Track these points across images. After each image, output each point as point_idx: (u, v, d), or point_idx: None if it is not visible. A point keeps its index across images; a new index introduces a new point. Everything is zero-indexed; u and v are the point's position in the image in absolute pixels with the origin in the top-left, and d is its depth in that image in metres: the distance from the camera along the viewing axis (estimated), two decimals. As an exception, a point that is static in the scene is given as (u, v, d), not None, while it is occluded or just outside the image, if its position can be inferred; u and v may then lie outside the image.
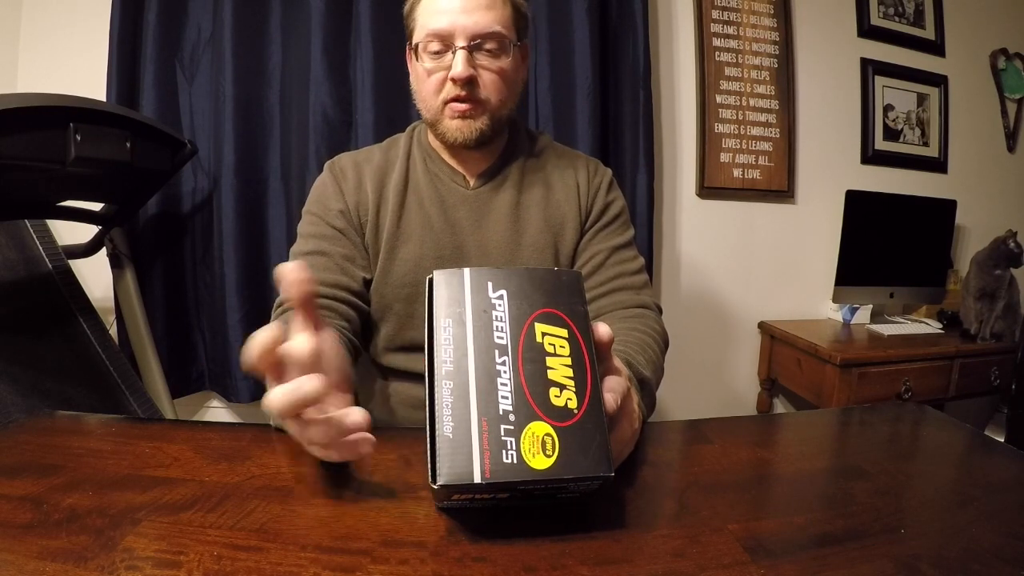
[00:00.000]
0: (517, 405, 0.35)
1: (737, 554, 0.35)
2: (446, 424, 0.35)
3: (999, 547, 0.37)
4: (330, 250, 0.76)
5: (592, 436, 0.35)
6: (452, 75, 0.71)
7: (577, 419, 0.36)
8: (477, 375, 0.36)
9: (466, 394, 0.35)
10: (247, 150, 1.43)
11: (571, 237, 0.83)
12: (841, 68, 1.90)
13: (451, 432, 0.35)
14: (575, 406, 0.36)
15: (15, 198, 1.10)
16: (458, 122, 0.74)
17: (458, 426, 0.35)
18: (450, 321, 0.38)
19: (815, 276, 1.92)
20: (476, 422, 0.35)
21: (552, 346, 0.37)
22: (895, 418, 0.63)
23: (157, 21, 1.37)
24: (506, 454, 0.34)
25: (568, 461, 0.34)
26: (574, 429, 0.35)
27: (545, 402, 0.36)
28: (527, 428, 0.35)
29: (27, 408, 0.97)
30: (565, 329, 0.38)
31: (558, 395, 0.36)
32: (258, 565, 0.33)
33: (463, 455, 0.34)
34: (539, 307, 0.38)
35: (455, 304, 0.38)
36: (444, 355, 0.37)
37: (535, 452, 0.34)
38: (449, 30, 0.70)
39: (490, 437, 0.34)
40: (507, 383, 0.36)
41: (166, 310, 1.48)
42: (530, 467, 0.34)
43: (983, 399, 1.83)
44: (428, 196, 0.80)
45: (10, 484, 0.41)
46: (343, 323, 0.73)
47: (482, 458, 0.34)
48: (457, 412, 0.35)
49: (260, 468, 0.44)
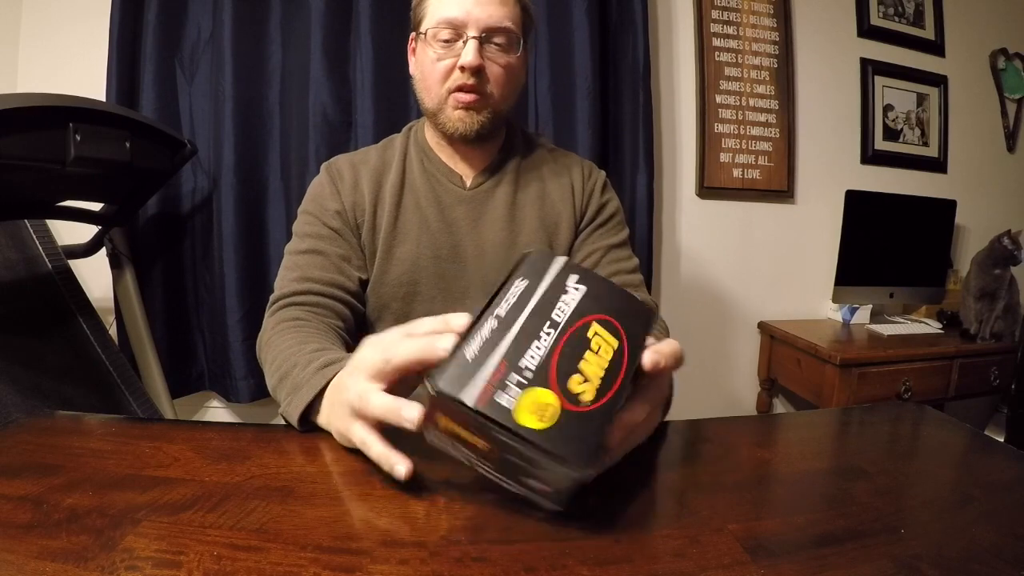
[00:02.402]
0: (539, 368, 0.36)
1: (737, 554, 0.35)
2: (472, 347, 0.37)
3: (999, 547, 0.37)
4: (326, 249, 0.77)
5: (589, 433, 0.36)
6: (462, 63, 0.71)
7: (584, 411, 0.36)
8: (521, 329, 0.37)
9: (503, 337, 0.37)
10: (247, 150, 1.43)
11: (566, 236, 0.83)
12: (841, 68, 1.90)
13: (471, 356, 0.36)
14: (589, 399, 0.36)
15: (15, 198, 1.10)
16: (461, 113, 0.75)
17: (480, 355, 0.36)
18: (525, 282, 0.40)
19: (815, 276, 1.92)
20: (496, 360, 0.36)
21: (598, 346, 0.38)
22: (895, 418, 0.63)
23: (157, 21, 1.37)
24: (506, 399, 0.35)
25: (556, 437, 0.35)
26: (577, 417, 0.36)
27: (565, 380, 0.36)
28: (536, 390, 0.36)
29: (27, 408, 0.97)
30: (617, 341, 0.39)
31: (580, 382, 0.37)
32: (258, 565, 0.33)
33: (469, 377, 0.35)
34: (605, 313, 0.39)
35: (536, 275, 0.40)
36: (503, 302, 0.39)
37: (531, 412, 0.35)
38: (463, 19, 0.71)
39: (501, 377, 0.35)
40: (541, 349, 0.37)
41: (166, 310, 1.48)
42: (518, 421, 0.34)
43: (983, 399, 1.83)
44: (425, 196, 0.81)
45: (10, 484, 0.41)
46: (338, 322, 0.73)
47: (484, 388, 0.35)
48: (486, 345, 0.37)
49: (260, 468, 0.44)
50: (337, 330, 0.71)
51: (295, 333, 0.64)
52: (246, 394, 1.47)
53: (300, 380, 0.53)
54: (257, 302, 1.44)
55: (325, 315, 0.72)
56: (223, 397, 1.53)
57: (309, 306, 0.71)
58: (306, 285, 0.73)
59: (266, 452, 0.48)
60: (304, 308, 0.71)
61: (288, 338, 0.62)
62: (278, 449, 0.49)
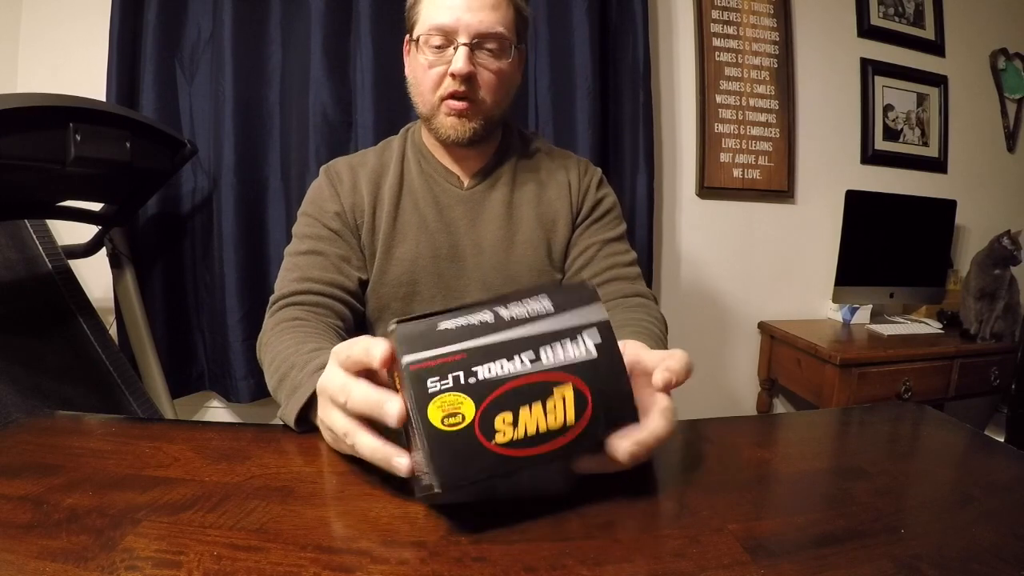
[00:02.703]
0: (485, 383, 0.35)
1: (737, 554, 0.35)
2: (452, 322, 0.37)
3: (999, 547, 0.37)
4: (326, 250, 0.77)
5: (473, 468, 0.34)
6: (452, 70, 0.71)
7: (486, 446, 0.35)
8: (504, 341, 0.37)
9: (482, 335, 0.36)
10: (247, 150, 1.43)
11: (563, 233, 0.84)
12: (841, 68, 1.90)
13: (443, 327, 0.36)
14: (498, 441, 0.35)
15: (15, 198, 1.10)
16: (452, 120, 0.75)
17: (451, 334, 0.36)
18: (548, 305, 0.38)
19: (815, 276, 1.92)
20: (458, 348, 0.36)
21: (554, 406, 0.36)
22: (895, 418, 0.63)
23: (157, 21, 1.37)
24: (435, 384, 0.35)
25: (442, 445, 0.34)
26: (476, 446, 0.35)
27: (496, 410, 0.35)
28: (464, 399, 0.35)
29: (27, 408, 0.97)
30: (576, 419, 0.37)
31: (504, 422, 0.35)
32: (258, 565, 0.33)
33: (425, 344, 0.36)
34: (588, 387, 0.37)
35: (564, 306, 0.38)
36: (516, 304, 0.38)
37: (442, 410, 0.34)
38: (453, 26, 0.71)
39: (448, 364, 0.35)
40: (504, 370, 0.36)
41: (166, 310, 1.48)
42: (426, 408, 0.34)
43: (983, 399, 1.83)
44: (423, 197, 0.81)
45: (10, 484, 0.41)
46: (338, 322, 0.73)
47: (425, 362, 0.35)
48: (463, 331, 0.36)
49: (260, 468, 0.44)
50: (337, 330, 0.71)
51: (294, 333, 0.64)
52: (246, 394, 1.47)
53: (298, 381, 0.53)
54: (257, 302, 1.44)
55: (325, 315, 0.72)
56: (223, 397, 1.53)
57: (309, 306, 0.72)
58: (306, 285, 0.73)
59: (266, 452, 0.48)
60: (304, 308, 0.71)
61: (287, 338, 0.62)
62: (278, 449, 0.49)
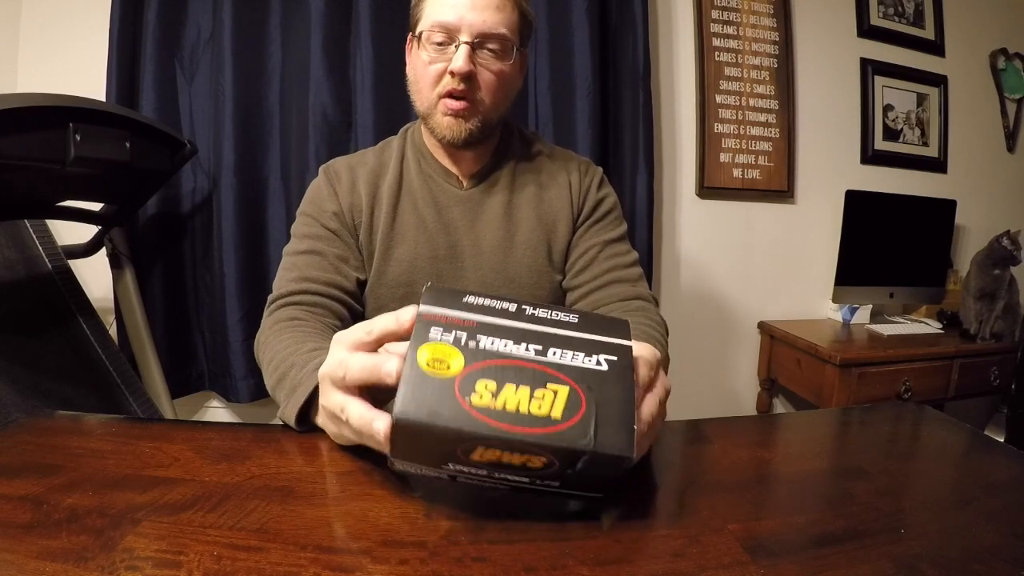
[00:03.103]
0: (483, 352, 0.36)
1: (737, 554, 0.35)
2: (477, 299, 0.38)
3: (999, 547, 0.37)
4: (324, 250, 0.77)
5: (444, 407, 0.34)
6: (452, 68, 0.71)
7: (460, 402, 0.34)
8: (520, 329, 0.37)
9: (501, 319, 0.38)
10: (247, 150, 1.43)
11: (564, 234, 0.83)
12: (841, 68, 1.90)
13: (468, 300, 0.38)
14: (474, 402, 0.34)
15: (15, 198, 1.10)
16: (449, 120, 0.74)
17: (471, 305, 0.38)
18: (575, 320, 0.39)
19: (815, 276, 1.92)
20: (471, 318, 0.37)
21: (542, 397, 0.35)
22: (895, 418, 0.63)
23: (157, 21, 1.37)
24: (436, 334, 0.36)
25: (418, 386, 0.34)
26: (450, 395, 0.35)
27: (479, 376, 0.35)
28: (458, 355, 0.35)
29: (27, 408, 0.97)
30: (563, 421, 0.35)
31: (487, 388, 0.35)
32: (258, 565, 0.33)
33: (445, 303, 0.37)
34: (586, 397, 0.36)
35: (592, 329, 0.38)
36: (547, 308, 0.39)
37: (433, 356, 0.35)
38: (456, 24, 0.70)
39: (455, 326, 0.36)
40: (507, 348, 0.36)
41: (166, 310, 1.48)
42: (416, 350, 0.35)
43: (983, 399, 1.83)
44: (422, 197, 0.81)
45: (10, 484, 0.41)
46: (336, 322, 0.73)
47: (437, 315, 0.37)
48: (483, 308, 0.38)
49: (260, 468, 0.44)
50: (335, 330, 0.71)
51: (293, 333, 0.64)
52: (246, 394, 1.47)
53: (297, 381, 0.53)
54: (257, 302, 1.44)
55: (323, 315, 0.72)
56: (223, 397, 1.53)
57: (307, 306, 0.71)
58: (304, 285, 0.73)
59: (266, 452, 0.48)
60: (302, 308, 0.71)
61: (286, 338, 0.62)
62: (278, 449, 0.49)
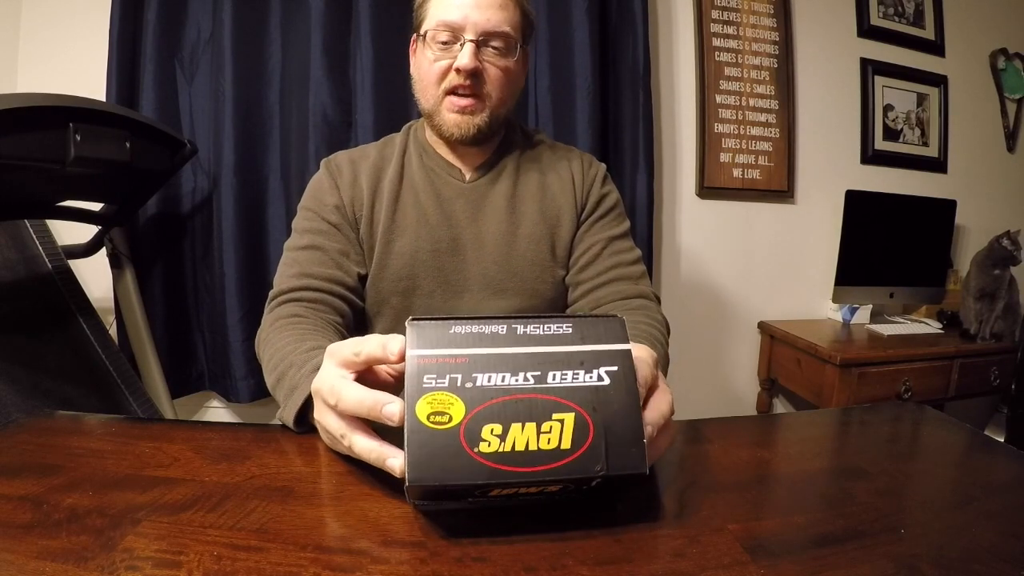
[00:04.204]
0: (481, 391, 0.35)
1: (737, 554, 0.35)
2: (464, 327, 0.35)
3: (999, 547, 0.37)
4: (325, 245, 0.77)
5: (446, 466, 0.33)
6: (457, 65, 0.72)
7: (464, 450, 0.33)
8: (512, 355, 0.35)
9: (491, 346, 0.36)
10: (247, 150, 1.43)
11: (567, 228, 0.84)
12: (841, 68, 1.90)
13: (454, 331, 0.35)
14: (480, 450, 0.33)
15: (15, 198, 1.10)
16: (456, 116, 0.75)
17: (458, 337, 0.35)
18: (568, 332, 0.37)
19: (815, 276, 1.92)
20: (460, 353, 0.35)
21: (548, 428, 0.35)
22: (895, 418, 0.63)
23: (157, 21, 1.37)
24: (430, 382, 0.34)
25: (420, 442, 0.33)
26: (455, 447, 0.33)
27: (484, 421, 0.34)
28: (456, 402, 0.34)
29: (27, 408, 0.97)
30: (571, 449, 0.34)
31: (492, 433, 0.34)
32: (258, 565, 0.33)
33: (431, 342, 0.35)
34: (591, 419, 0.34)
35: (586, 338, 0.37)
36: (537, 324, 0.37)
37: (431, 408, 0.34)
38: (461, 23, 0.72)
39: (447, 364, 0.34)
40: (504, 382, 0.35)
41: (166, 310, 1.48)
42: (415, 404, 0.33)
43: (983, 399, 1.83)
44: (424, 190, 0.81)
45: (10, 484, 0.41)
46: (336, 318, 0.73)
47: (426, 358, 0.35)
48: (472, 336, 0.36)
49: (260, 468, 0.44)
50: (335, 326, 0.71)
51: (292, 331, 0.64)
52: (246, 394, 1.47)
53: (296, 381, 0.53)
54: (257, 302, 1.44)
55: (323, 311, 0.72)
56: (223, 397, 1.53)
57: (307, 302, 0.71)
58: (304, 281, 0.73)
59: (266, 452, 0.48)
60: (302, 304, 0.71)
61: (286, 335, 0.62)
62: (278, 449, 0.49)
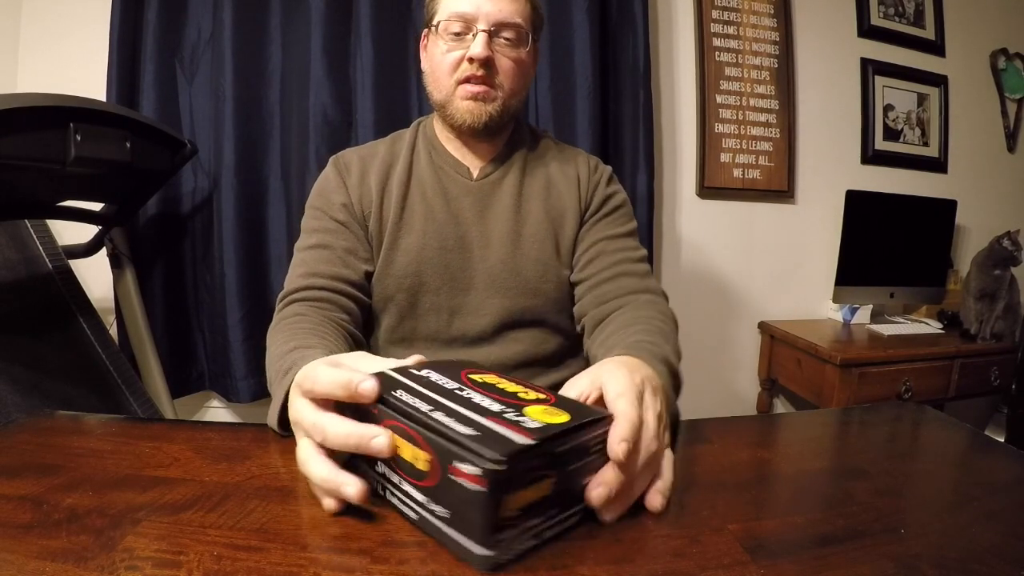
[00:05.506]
0: (504, 404, 0.37)
1: (737, 554, 0.35)
2: (460, 429, 0.33)
3: (999, 547, 0.37)
4: (332, 243, 0.77)
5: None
6: (471, 54, 0.73)
7: (553, 401, 0.39)
8: (456, 405, 0.36)
9: (459, 414, 0.35)
10: (247, 150, 1.43)
11: (571, 227, 0.84)
12: (841, 68, 1.90)
13: (471, 431, 0.33)
14: (544, 396, 0.39)
15: (15, 198, 1.10)
16: (469, 104, 0.76)
17: (473, 427, 0.33)
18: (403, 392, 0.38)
19: (815, 276, 1.92)
20: (485, 420, 0.34)
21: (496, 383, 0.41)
22: (895, 418, 0.63)
23: (157, 21, 1.37)
24: (528, 422, 0.34)
25: (577, 414, 0.36)
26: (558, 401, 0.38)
27: (522, 398, 0.38)
28: (526, 409, 0.36)
29: (27, 408, 0.97)
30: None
31: (526, 393, 0.39)
32: (258, 565, 0.33)
33: (496, 439, 0.32)
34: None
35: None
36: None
37: (547, 416, 0.35)
38: (473, 14, 0.73)
39: (506, 421, 0.34)
40: (481, 398, 0.38)
41: (166, 310, 1.48)
42: (553, 423, 0.35)
43: (983, 399, 1.83)
44: (431, 187, 0.82)
45: (10, 484, 0.41)
46: (342, 315, 0.73)
47: (514, 432, 0.33)
48: (463, 420, 0.34)
49: (260, 468, 0.44)
50: (341, 323, 0.71)
51: (288, 331, 0.64)
52: (246, 394, 1.47)
53: (274, 387, 0.53)
54: (257, 302, 1.44)
55: (328, 309, 0.72)
56: (223, 397, 1.53)
57: (312, 301, 0.72)
58: (310, 280, 0.73)
59: (266, 452, 0.48)
60: (306, 303, 0.71)
61: (281, 336, 0.63)
62: (278, 449, 0.49)
